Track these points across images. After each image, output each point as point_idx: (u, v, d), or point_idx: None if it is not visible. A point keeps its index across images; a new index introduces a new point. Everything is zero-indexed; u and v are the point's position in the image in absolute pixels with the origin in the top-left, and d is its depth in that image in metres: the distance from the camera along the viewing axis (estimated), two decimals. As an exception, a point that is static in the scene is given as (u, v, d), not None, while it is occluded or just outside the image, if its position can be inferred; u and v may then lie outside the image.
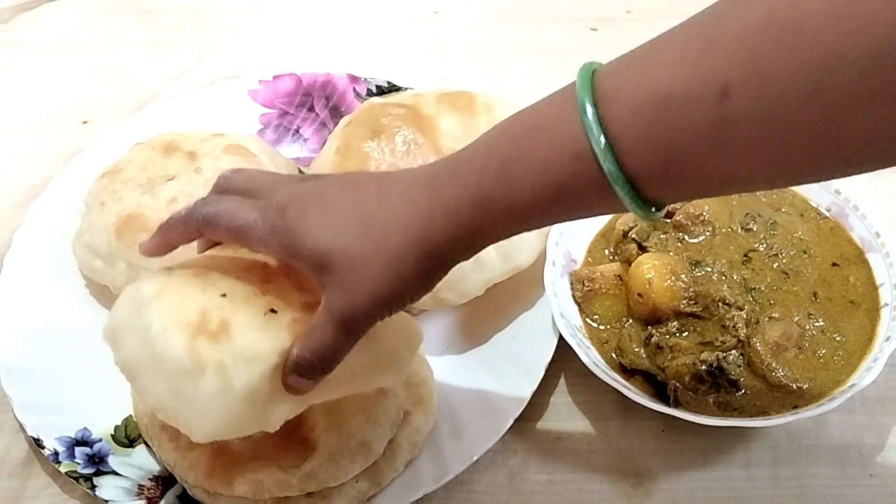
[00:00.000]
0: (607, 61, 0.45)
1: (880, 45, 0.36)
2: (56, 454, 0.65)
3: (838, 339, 0.68)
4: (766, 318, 0.67)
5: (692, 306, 0.68)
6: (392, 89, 0.88)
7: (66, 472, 0.64)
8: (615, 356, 0.68)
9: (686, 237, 0.73)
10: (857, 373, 0.65)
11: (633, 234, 0.73)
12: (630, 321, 0.70)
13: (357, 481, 0.63)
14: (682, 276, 0.69)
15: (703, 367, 0.65)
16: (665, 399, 0.65)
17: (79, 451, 0.65)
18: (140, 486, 0.64)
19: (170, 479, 0.64)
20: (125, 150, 0.79)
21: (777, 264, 0.71)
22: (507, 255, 0.71)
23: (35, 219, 0.79)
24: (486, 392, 0.68)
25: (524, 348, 0.69)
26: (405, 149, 0.73)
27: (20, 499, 0.66)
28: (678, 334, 0.68)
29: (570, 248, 0.73)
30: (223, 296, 0.54)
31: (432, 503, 0.64)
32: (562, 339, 0.67)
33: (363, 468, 0.63)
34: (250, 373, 0.52)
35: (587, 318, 0.70)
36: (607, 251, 0.74)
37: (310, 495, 0.62)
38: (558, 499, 0.65)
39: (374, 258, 0.50)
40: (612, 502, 0.65)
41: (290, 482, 0.61)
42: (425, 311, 0.73)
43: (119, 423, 0.67)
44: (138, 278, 0.58)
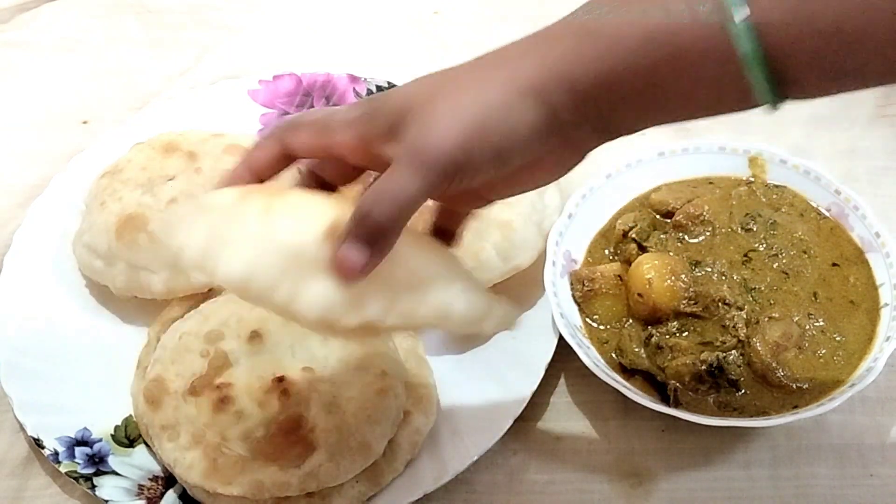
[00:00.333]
0: None
1: None
2: (56, 454, 0.65)
3: (838, 339, 0.68)
4: (766, 318, 0.67)
5: (692, 306, 0.68)
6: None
7: (66, 472, 0.64)
8: (615, 356, 0.68)
9: (686, 237, 0.73)
10: (857, 373, 0.65)
11: (633, 234, 0.73)
12: (630, 321, 0.70)
13: (357, 481, 0.63)
14: (682, 276, 0.69)
15: (703, 367, 0.65)
16: (665, 399, 0.65)
17: (79, 451, 0.65)
18: (140, 486, 0.64)
19: (170, 479, 0.64)
20: (125, 150, 0.79)
21: (777, 264, 0.71)
22: (507, 256, 0.72)
23: (35, 219, 0.79)
24: (486, 392, 0.68)
25: (524, 348, 0.69)
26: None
27: (20, 499, 0.66)
28: (678, 334, 0.68)
29: (570, 248, 0.73)
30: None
31: (432, 503, 0.64)
32: (562, 339, 0.67)
33: (363, 468, 0.63)
34: (297, 226, 0.47)
35: (587, 318, 0.70)
36: (607, 251, 0.74)
37: (310, 495, 0.62)
38: (558, 499, 0.65)
39: (460, 88, 0.46)
40: (612, 502, 0.65)
41: (289, 482, 0.61)
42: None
43: (119, 423, 0.67)
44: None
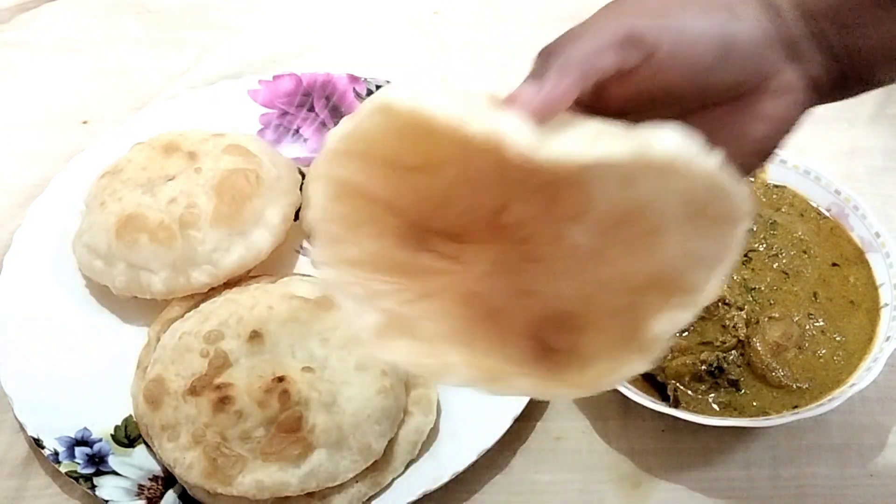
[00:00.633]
0: None
1: None
2: (56, 454, 0.65)
3: (838, 339, 0.68)
4: (766, 318, 0.67)
5: (692, 306, 0.68)
6: (392, 89, 0.88)
7: (66, 472, 0.64)
8: (615, 356, 0.68)
9: (686, 237, 0.73)
10: (857, 373, 0.65)
11: (633, 234, 0.73)
12: (630, 321, 0.70)
13: (357, 481, 0.63)
14: (682, 276, 0.69)
15: (703, 367, 0.65)
16: (665, 399, 0.65)
17: (79, 451, 0.65)
18: (140, 486, 0.64)
19: (170, 479, 0.64)
20: (125, 150, 0.79)
21: (777, 264, 0.71)
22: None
23: (35, 219, 0.79)
24: (486, 392, 0.68)
25: (524, 348, 0.69)
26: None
27: (20, 499, 0.66)
28: (678, 334, 0.68)
29: (570, 248, 0.73)
30: None
31: (432, 503, 0.64)
32: (562, 339, 0.67)
33: (363, 468, 0.63)
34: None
35: (587, 318, 0.70)
36: (607, 251, 0.74)
37: (309, 495, 0.62)
38: (558, 499, 0.65)
39: None
40: (612, 502, 0.65)
41: (290, 482, 0.61)
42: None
43: (119, 423, 0.67)
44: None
